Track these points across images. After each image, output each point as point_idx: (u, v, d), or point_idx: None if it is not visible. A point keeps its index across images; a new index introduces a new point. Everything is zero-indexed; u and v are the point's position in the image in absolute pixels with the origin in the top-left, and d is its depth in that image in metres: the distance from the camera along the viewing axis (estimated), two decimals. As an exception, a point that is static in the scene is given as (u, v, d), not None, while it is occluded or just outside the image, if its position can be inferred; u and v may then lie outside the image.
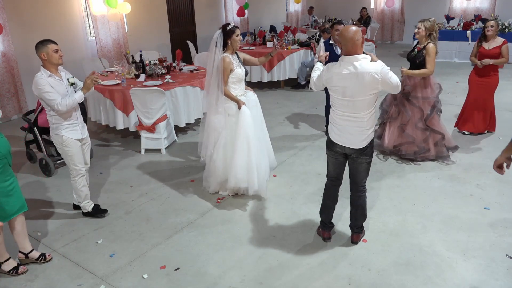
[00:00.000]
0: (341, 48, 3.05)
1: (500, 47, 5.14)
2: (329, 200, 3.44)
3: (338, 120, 3.08)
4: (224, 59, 3.93)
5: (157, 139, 5.46)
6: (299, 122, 6.63)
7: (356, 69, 2.88)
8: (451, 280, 3.01)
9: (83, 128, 3.80)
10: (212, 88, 4.01)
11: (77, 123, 3.68)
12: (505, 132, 5.78)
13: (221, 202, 4.21)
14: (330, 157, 3.28)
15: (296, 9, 14.89)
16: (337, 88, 2.98)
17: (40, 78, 3.41)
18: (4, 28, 6.49)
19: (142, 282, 3.09)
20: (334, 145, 3.16)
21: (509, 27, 10.26)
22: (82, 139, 3.75)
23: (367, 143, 3.08)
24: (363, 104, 2.97)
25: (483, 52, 5.24)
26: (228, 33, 3.95)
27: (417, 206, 4.02)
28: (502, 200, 4.08)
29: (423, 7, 13.47)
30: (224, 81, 3.98)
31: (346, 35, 2.90)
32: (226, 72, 3.96)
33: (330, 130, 3.18)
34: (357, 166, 3.19)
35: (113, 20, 7.92)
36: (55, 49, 3.43)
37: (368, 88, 2.91)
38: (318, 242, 3.49)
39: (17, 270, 3.19)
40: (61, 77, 3.57)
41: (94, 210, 3.95)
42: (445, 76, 9.36)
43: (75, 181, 3.77)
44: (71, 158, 3.68)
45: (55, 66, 3.49)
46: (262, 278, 3.09)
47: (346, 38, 2.90)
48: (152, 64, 6.28)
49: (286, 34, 9.50)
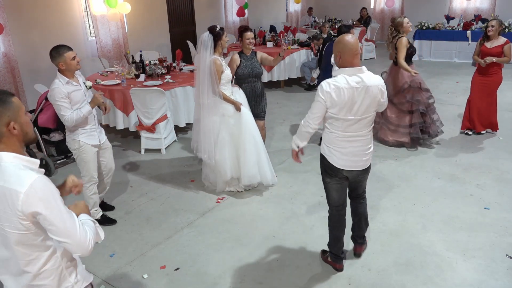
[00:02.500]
0: (339, 59, 2.68)
1: (502, 46, 5.16)
2: (339, 231, 3.08)
3: (342, 143, 2.75)
4: (215, 61, 3.96)
5: (157, 139, 5.47)
6: (299, 122, 6.62)
7: (364, 82, 2.61)
8: (451, 280, 3.01)
9: (101, 133, 3.70)
10: (204, 90, 4.02)
11: (95, 128, 3.59)
12: (505, 132, 5.78)
13: (221, 202, 4.21)
14: (333, 184, 2.92)
15: (296, 9, 14.89)
16: (343, 106, 2.62)
17: (57, 87, 3.30)
18: (4, 28, 6.49)
19: (142, 282, 3.10)
20: (337, 171, 2.84)
21: (509, 27, 10.26)
22: (100, 144, 3.66)
23: (371, 160, 2.92)
24: (368, 120, 2.73)
25: (485, 51, 5.26)
26: (218, 34, 3.96)
27: (417, 206, 4.02)
28: (502, 200, 4.08)
29: (423, 7, 13.47)
30: (218, 82, 4.00)
31: (350, 44, 2.62)
32: (219, 73, 3.99)
33: (330, 155, 2.81)
34: (361, 180, 3.01)
35: (113, 20, 7.92)
36: (72, 57, 3.31)
37: (375, 102, 2.69)
38: (318, 242, 3.49)
39: None
40: (78, 82, 3.48)
41: (102, 219, 3.85)
42: (445, 76, 9.37)
43: (86, 188, 3.63)
44: (86, 164, 3.58)
45: (72, 72, 3.41)
46: (262, 278, 3.09)
47: (351, 48, 2.61)
48: (152, 64, 6.28)
49: (286, 34, 9.50)
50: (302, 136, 2.88)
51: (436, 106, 7.21)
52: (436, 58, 11.31)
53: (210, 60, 3.94)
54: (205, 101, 4.04)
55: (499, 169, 4.74)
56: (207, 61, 3.94)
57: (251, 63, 4.47)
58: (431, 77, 9.32)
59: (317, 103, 2.69)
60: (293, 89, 8.86)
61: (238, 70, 4.42)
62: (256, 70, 4.49)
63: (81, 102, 3.42)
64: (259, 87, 4.60)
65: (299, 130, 2.89)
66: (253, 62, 4.49)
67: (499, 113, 5.75)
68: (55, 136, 5.07)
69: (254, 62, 4.51)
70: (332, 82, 2.63)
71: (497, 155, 5.11)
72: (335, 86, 2.60)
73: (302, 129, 2.85)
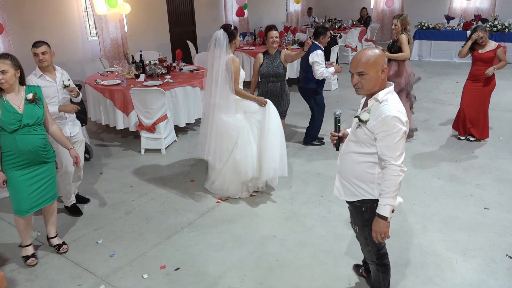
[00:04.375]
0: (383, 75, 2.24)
1: (494, 50, 5.08)
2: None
3: None
4: (234, 59, 3.95)
5: (157, 139, 5.46)
6: (299, 122, 6.63)
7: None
8: (451, 280, 3.01)
9: (73, 126, 3.81)
10: (217, 89, 3.96)
11: (65, 122, 3.71)
12: (505, 132, 5.79)
13: (221, 202, 4.21)
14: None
15: (296, 9, 14.88)
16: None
17: (29, 79, 3.47)
18: (4, 28, 6.49)
19: (142, 282, 3.09)
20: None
21: (509, 27, 10.26)
22: (70, 137, 3.72)
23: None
24: None
25: (477, 56, 5.18)
26: (233, 34, 3.96)
27: (417, 206, 4.02)
28: (502, 200, 4.09)
29: (423, 7, 13.48)
30: (237, 81, 4.00)
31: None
32: (238, 73, 3.99)
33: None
34: None
35: (112, 20, 7.92)
36: (34, 53, 3.47)
37: None
38: (318, 242, 3.49)
39: (27, 259, 3.30)
40: (55, 78, 3.59)
41: (71, 207, 4.03)
42: (445, 76, 9.37)
43: (62, 177, 3.80)
44: (58, 155, 3.61)
45: (44, 67, 3.52)
46: (262, 278, 3.09)
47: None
48: (152, 64, 6.28)
49: (286, 34, 9.50)
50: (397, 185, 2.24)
51: (436, 106, 7.25)
52: (436, 58, 11.32)
53: (228, 59, 3.91)
54: (217, 100, 3.98)
55: (499, 169, 4.74)
56: (223, 59, 3.91)
57: (272, 63, 4.53)
58: (431, 77, 9.33)
59: (403, 137, 2.19)
60: (292, 89, 8.85)
61: (261, 68, 4.49)
62: (275, 70, 4.53)
63: (50, 98, 3.51)
64: (278, 87, 4.63)
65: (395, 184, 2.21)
66: (275, 62, 4.55)
67: (499, 113, 5.76)
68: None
69: (276, 61, 4.56)
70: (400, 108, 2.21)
71: (497, 155, 5.11)
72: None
73: (398, 180, 2.21)
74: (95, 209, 4.15)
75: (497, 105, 5.78)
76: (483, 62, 5.12)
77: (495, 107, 5.71)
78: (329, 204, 4.07)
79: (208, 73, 4.08)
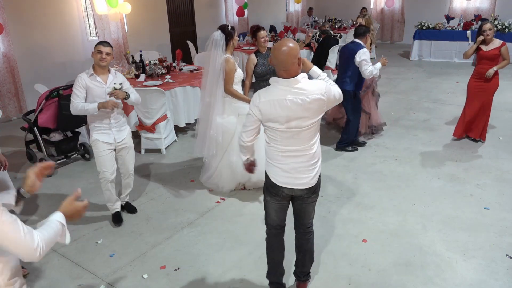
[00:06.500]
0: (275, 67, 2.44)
1: (499, 48, 5.08)
2: (277, 252, 2.84)
3: (281, 158, 2.50)
4: (229, 60, 3.95)
5: (157, 139, 5.47)
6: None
7: (300, 93, 2.35)
8: (451, 280, 3.01)
9: (120, 132, 3.67)
10: (213, 89, 4.00)
11: (109, 127, 3.59)
12: (505, 132, 5.79)
13: (221, 202, 4.21)
14: (272, 203, 2.66)
15: (296, 9, 14.89)
16: (279, 119, 2.38)
17: (80, 76, 3.48)
18: (4, 28, 6.49)
19: (142, 282, 3.10)
20: (278, 189, 2.57)
21: (509, 27, 10.26)
22: (115, 143, 3.66)
23: (317, 178, 2.60)
24: (309, 133, 2.45)
25: (482, 54, 5.19)
26: (230, 34, 3.96)
27: (417, 206, 4.02)
28: (502, 200, 4.09)
29: (423, 7, 13.47)
30: (231, 82, 3.99)
31: (282, 54, 2.31)
32: (232, 73, 3.97)
33: (271, 172, 2.58)
34: (306, 206, 2.67)
35: (113, 20, 7.92)
36: (98, 50, 3.42)
37: (316, 113, 2.40)
38: (318, 242, 3.48)
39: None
40: (106, 80, 3.51)
41: (114, 215, 3.90)
42: (445, 76, 9.37)
43: (101, 182, 3.77)
44: (97, 160, 3.66)
45: (100, 67, 3.47)
46: (262, 278, 3.09)
47: (284, 58, 2.31)
48: (152, 64, 6.28)
49: (286, 34, 9.50)
50: (240, 150, 2.74)
51: (436, 106, 7.25)
52: (436, 58, 11.31)
53: (223, 59, 3.93)
54: (212, 99, 4.01)
55: (499, 169, 4.74)
56: (219, 60, 3.92)
57: (267, 61, 4.50)
58: (431, 77, 9.32)
59: (249, 116, 2.52)
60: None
61: (256, 68, 4.46)
62: (272, 67, 4.51)
63: (99, 98, 3.49)
64: None
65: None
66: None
67: (499, 113, 5.76)
68: (55, 136, 5.06)
69: None
70: (262, 93, 2.44)
71: (497, 155, 5.11)
72: (259, 98, 2.43)
73: (239, 142, 2.71)
74: (95, 209, 4.15)
75: (497, 105, 5.77)
76: (488, 60, 5.12)
77: (495, 107, 5.70)
78: (329, 204, 4.07)
79: (204, 73, 4.12)
